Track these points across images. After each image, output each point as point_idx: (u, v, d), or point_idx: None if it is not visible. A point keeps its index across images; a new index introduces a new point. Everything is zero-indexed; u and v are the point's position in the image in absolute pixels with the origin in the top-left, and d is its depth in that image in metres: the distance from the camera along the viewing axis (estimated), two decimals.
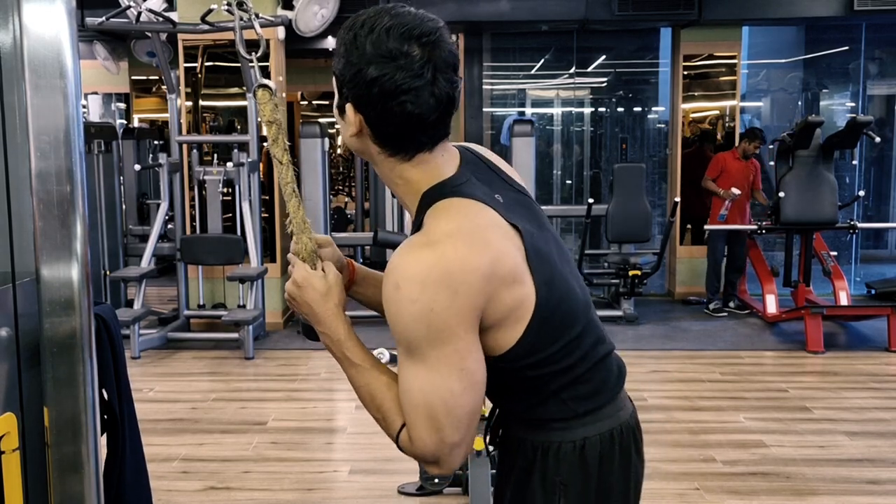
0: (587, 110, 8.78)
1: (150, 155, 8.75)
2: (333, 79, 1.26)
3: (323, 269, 1.35)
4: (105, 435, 2.07)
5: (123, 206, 7.46)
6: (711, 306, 6.97)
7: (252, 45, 1.46)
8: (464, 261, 1.17)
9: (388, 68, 1.17)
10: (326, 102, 12.17)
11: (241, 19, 1.55)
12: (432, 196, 1.26)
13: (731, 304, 7.03)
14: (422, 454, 1.24)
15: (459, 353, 1.19)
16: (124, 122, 10.28)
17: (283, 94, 6.78)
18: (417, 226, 1.26)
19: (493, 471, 2.85)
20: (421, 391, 1.20)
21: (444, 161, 1.29)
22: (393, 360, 2.84)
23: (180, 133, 6.40)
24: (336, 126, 12.80)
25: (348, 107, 1.24)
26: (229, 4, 1.50)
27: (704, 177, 7.01)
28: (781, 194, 6.32)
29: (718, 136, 7.54)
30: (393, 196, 7.37)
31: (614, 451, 1.35)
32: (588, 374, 1.35)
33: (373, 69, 1.18)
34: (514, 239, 1.24)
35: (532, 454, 1.36)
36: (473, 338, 1.21)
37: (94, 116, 9.81)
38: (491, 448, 1.51)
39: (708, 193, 7.02)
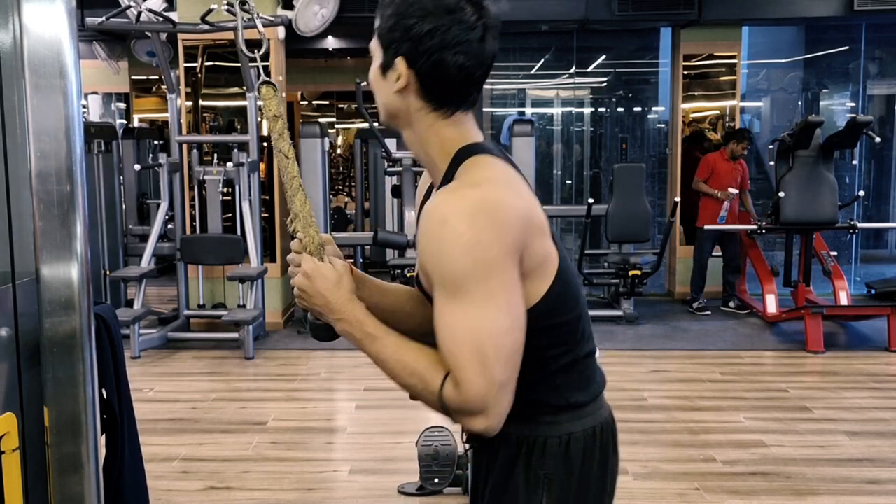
0: (587, 110, 8.79)
1: (150, 155, 8.76)
2: (376, 39, 1.31)
3: (330, 262, 1.36)
4: (104, 434, 2.07)
5: (123, 206, 7.46)
6: (695, 305, 6.99)
7: (254, 44, 1.47)
8: (505, 200, 1.23)
9: (445, 21, 1.25)
10: (326, 102, 12.17)
11: (243, 18, 1.56)
12: (467, 153, 1.31)
13: (731, 304, 7.04)
14: (471, 399, 1.20)
15: (506, 287, 1.21)
16: (124, 121, 10.28)
17: (283, 94, 6.78)
18: (448, 180, 1.29)
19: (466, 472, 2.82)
20: (468, 329, 1.19)
21: (474, 127, 1.36)
22: None
23: (180, 133, 6.40)
24: (338, 125, 12.80)
25: (399, 61, 1.28)
26: (230, 4, 1.52)
27: (695, 178, 7.01)
28: (781, 194, 6.32)
29: (718, 136, 7.53)
30: (393, 195, 7.38)
31: (595, 448, 1.40)
32: (583, 361, 1.39)
33: (431, 21, 1.25)
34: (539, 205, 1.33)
35: (516, 448, 1.37)
36: (517, 275, 1.23)
37: (94, 116, 9.81)
38: (467, 446, 1.50)
39: (697, 194, 7.02)
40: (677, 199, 6.83)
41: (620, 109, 8.88)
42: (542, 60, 8.71)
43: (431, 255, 1.22)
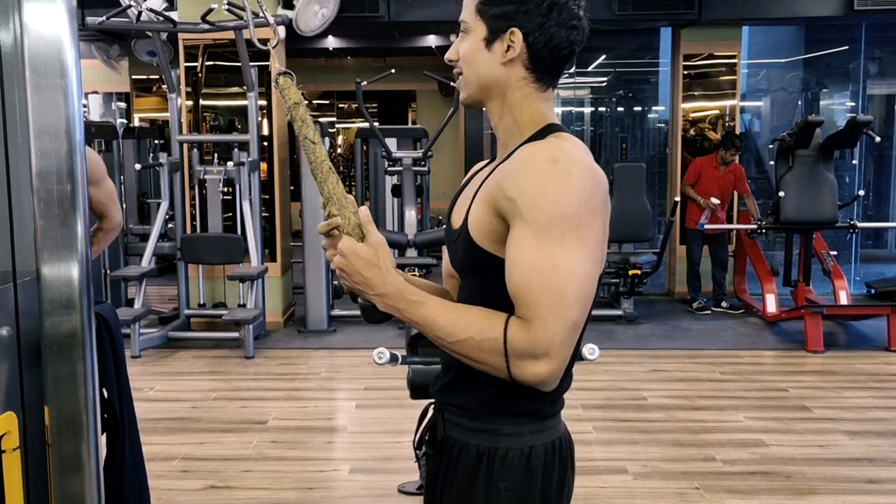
0: (587, 110, 8.79)
1: (151, 154, 8.75)
2: (475, 13, 1.34)
3: (366, 238, 1.32)
4: (104, 434, 2.08)
5: (124, 206, 7.46)
6: (695, 305, 7.00)
7: (262, 40, 1.49)
8: (601, 174, 1.27)
9: None
10: (327, 102, 12.17)
11: (255, 14, 1.56)
12: (556, 128, 1.35)
13: (724, 305, 7.03)
14: (540, 338, 1.19)
15: (596, 239, 1.24)
16: (125, 121, 10.28)
17: None
18: (533, 140, 1.32)
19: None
20: (554, 269, 1.19)
21: (554, 111, 1.41)
22: (393, 359, 2.83)
23: (181, 132, 6.40)
24: (338, 125, 12.75)
25: (514, 32, 1.31)
26: (231, 5, 1.52)
27: (683, 181, 7.02)
28: (781, 194, 6.32)
29: (718, 135, 7.53)
30: (393, 194, 7.38)
31: (556, 461, 1.37)
32: (571, 366, 1.36)
33: None
34: None
35: (477, 460, 1.35)
36: (603, 236, 1.26)
37: (95, 116, 9.81)
38: (420, 452, 1.49)
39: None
40: (677, 198, 6.83)
41: (620, 109, 8.89)
42: None
43: (531, 190, 1.21)
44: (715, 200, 6.80)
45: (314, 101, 12.23)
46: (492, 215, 1.29)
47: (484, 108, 1.41)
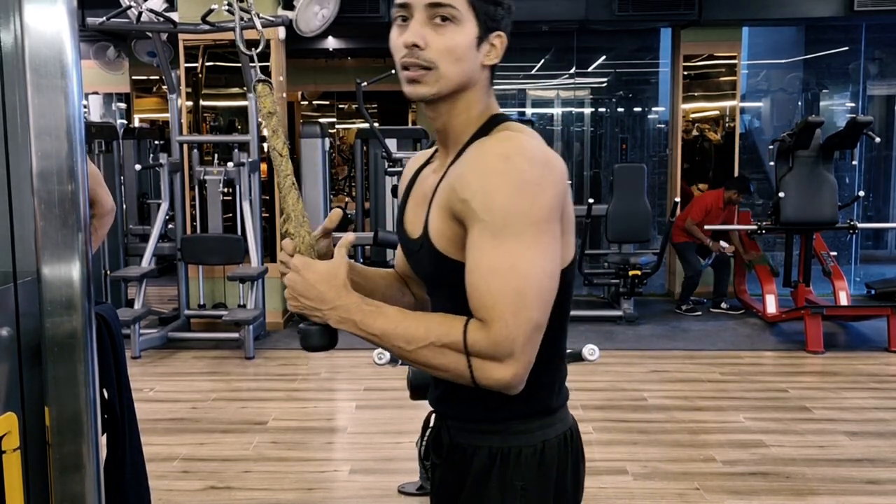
0: (587, 110, 8.79)
1: (151, 155, 8.76)
2: (469, 8, 1.25)
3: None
4: (105, 434, 2.08)
5: (124, 206, 7.47)
6: (683, 307, 6.99)
7: (251, 43, 1.46)
8: (556, 162, 1.23)
9: None
10: (327, 102, 12.17)
11: (242, 18, 1.55)
12: (503, 118, 1.32)
13: (723, 305, 7.00)
14: (502, 340, 1.16)
15: (554, 236, 1.20)
16: (125, 121, 10.28)
17: (284, 94, 6.78)
18: (481, 136, 1.29)
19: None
20: (513, 269, 1.16)
21: None
22: (393, 359, 2.84)
23: (181, 133, 6.40)
24: (338, 126, 12.76)
25: (501, 36, 1.30)
26: (230, 4, 1.51)
27: (689, 220, 6.86)
28: (781, 195, 6.32)
29: (718, 136, 7.54)
30: (393, 195, 7.38)
31: (568, 454, 1.36)
32: (562, 361, 1.37)
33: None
34: None
35: (489, 461, 1.32)
36: (559, 231, 1.23)
37: (95, 116, 9.81)
38: (427, 462, 1.46)
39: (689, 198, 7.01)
40: (677, 199, 6.83)
41: (620, 110, 8.89)
42: (543, 61, 8.72)
43: (484, 190, 1.18)
44: (725, 245, 6.80)
45: (314, 102, 12.23)
46: (450, 220, 1.24)
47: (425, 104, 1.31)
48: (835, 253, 6.90)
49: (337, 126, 12.30)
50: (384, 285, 1.50)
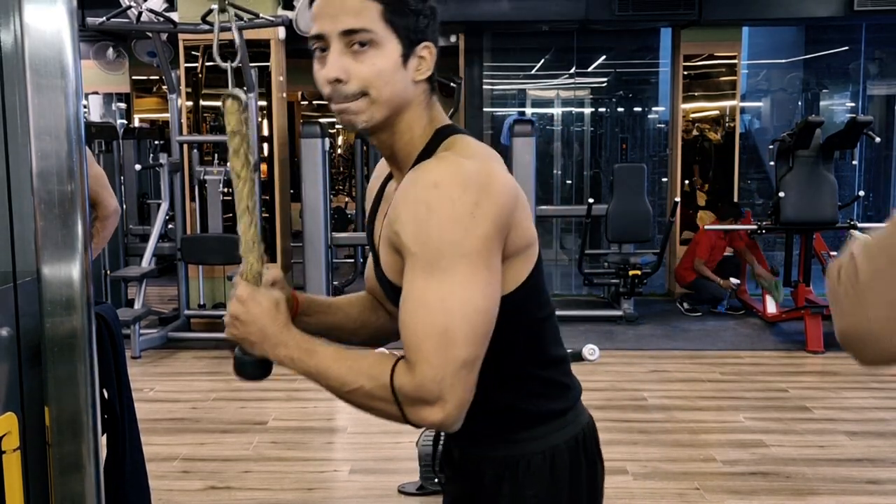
0: (587, 110, 8.79)
1: (151, 155, 8.76)
2: (384, 24, 1.17)
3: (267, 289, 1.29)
4: (105, 434, 2.08)
5: (124, 206, 7.45)
6: (685, 306, 7.01)
7: (228, 55, 1.44)
8: (499, 174, 1.17)
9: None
10: (327, 102, 12.17)
11: (241, 19, 1.55)
12: (448, 131, 1.25)
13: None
14: (427, 382, 1.10)
15: (488, 265, 1.12)
16: (125, 121, 10.28)
17: (284, 94, 6.78)
18: (426, 157, 1.22)
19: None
20: (441, 304, 1.10)
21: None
22: None
23: (181, 133, 6.40)
24: (337, 126, 12.78)
25: (429, 47, 1.22)
26: (231, 5, 1.48)
27: (697, 260, 6.87)
28: (781, 194, 6.32)
29: (718, 136, 7.54)
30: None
31: (581, 457, 1.33)
32: (556, 367, 1.33)
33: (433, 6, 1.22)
34: None
35: (500, 472, 1.30)
36: (500, 256, 1.15)
37: (95, 116, 9.80)
38: (441, 476, 1.44)
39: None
40: (677, 199, 6.83)
41: (620, 109, 8.88)
42: (543, 60, 8.71)
43: (414, 221, 1.11)
44: (735, 280, 6.82)
45: (314, 102, 12.23)
46: (393, 251, 1.20)
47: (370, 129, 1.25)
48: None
49: (337, 126, 12.29)
50: (356, 311, 1.48)
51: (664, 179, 8.20)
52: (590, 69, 8.58)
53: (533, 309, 1.27)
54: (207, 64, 6.52)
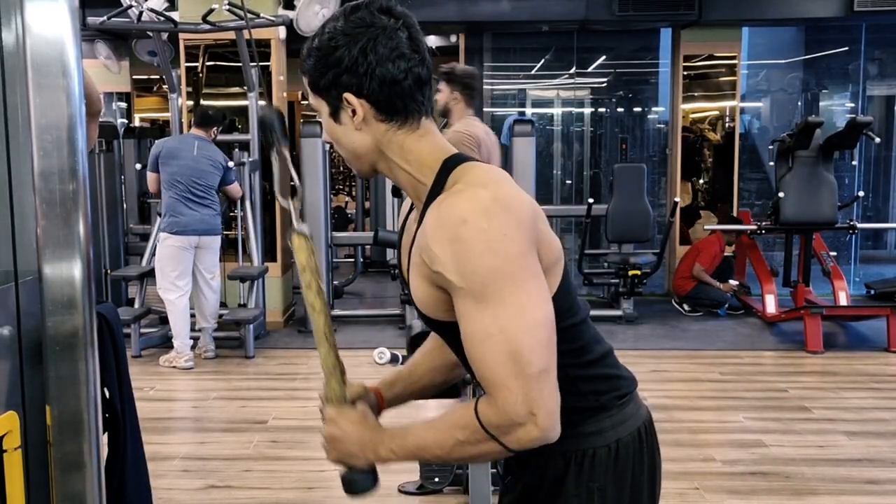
0: (587, 110, 8.78)
1: None
2: (313, 94, 1.29)
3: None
4: (106, 433, 2.08)
5: (125, 205, 7.46)
6: (686, 307, 7.01)
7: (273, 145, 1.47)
8: (515, 195, 1.22)
9: (368, 35, 1.22)
10: None
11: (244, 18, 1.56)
12: (453, 162, 1.27)
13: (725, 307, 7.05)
14: (511, 407, 1.15)
15: (534, 276, 1.18)
16: (125, 121, 10.28)
17: (284, 94, 6.78)
18: (438, 192, 1.24)
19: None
20: (501, 330, 1.15)
21: (443, 138, 1.32)
22: (394, 359, 2.84)
23: (181, 132, 6.40)
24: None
25: (348, 97, 1.25)
26: (232, 5, 1.49)
27: (699, 268, 6.88)
28: (781, 195, 6.32)
29: (717, 136, 7.54)
30: (393, 195, 7.39)
31: (643, 451, 1.39)
32: (602, 363, 1.39)
33: (355, 43, 1.22)
34: None
35: (564, 465, 1.33)
36: (538, 264, 1.20)
37: None
38: (508, 476, 1.47)
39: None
40: (677, 199, 6.83)
41: (620, 110, 8.88)
42: (543, 61, 8.71)
43: (453, 259, 1.16)
44: (733, 282, 6.84)
45: None
46: (430, 287, 1.24)
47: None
48: (834, 253, 6.89)
49: None
50: (438, 359, 1.55)
51: (664, 179, 8.20)
52: (590, 69, 8.58)
53: (567, 317, 1.30)
54: (208, 63, 6.53)
